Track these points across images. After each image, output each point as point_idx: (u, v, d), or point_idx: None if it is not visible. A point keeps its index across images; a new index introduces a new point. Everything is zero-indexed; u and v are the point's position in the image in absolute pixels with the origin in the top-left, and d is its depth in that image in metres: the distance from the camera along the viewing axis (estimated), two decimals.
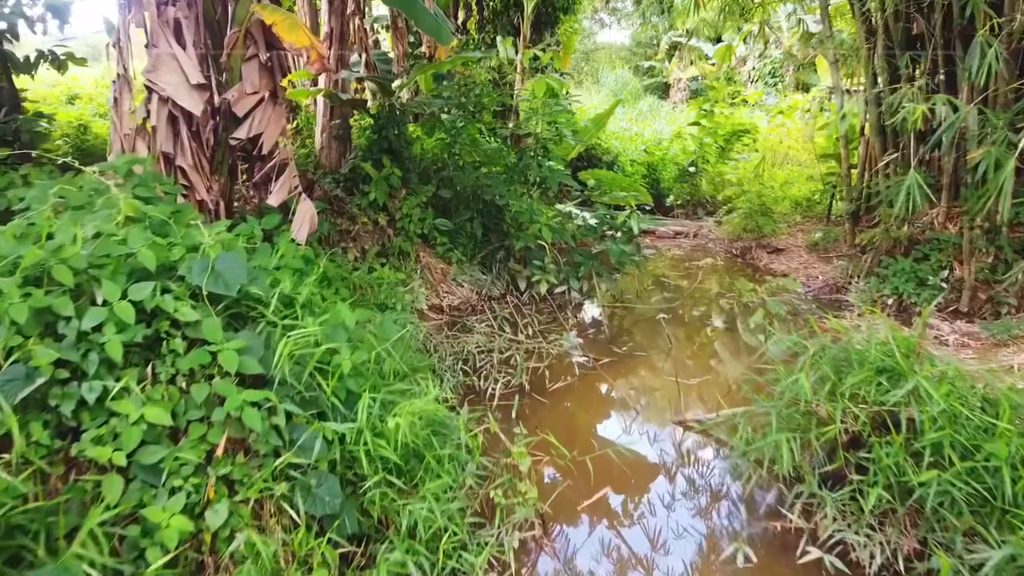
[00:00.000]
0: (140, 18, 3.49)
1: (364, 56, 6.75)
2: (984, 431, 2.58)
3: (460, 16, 9.51)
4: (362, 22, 6.86)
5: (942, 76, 5.57)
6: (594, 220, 6.66)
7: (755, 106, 13.42)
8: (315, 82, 6.90)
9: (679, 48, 19.71)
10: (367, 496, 2.43)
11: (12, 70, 5.20)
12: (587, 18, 21.54)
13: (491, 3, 9.49)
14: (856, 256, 6.81)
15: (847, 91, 7.43)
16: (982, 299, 5.31)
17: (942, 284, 5.45)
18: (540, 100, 7.18)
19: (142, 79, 3.46)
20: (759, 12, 9.30)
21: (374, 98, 6.88)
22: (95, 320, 2.07)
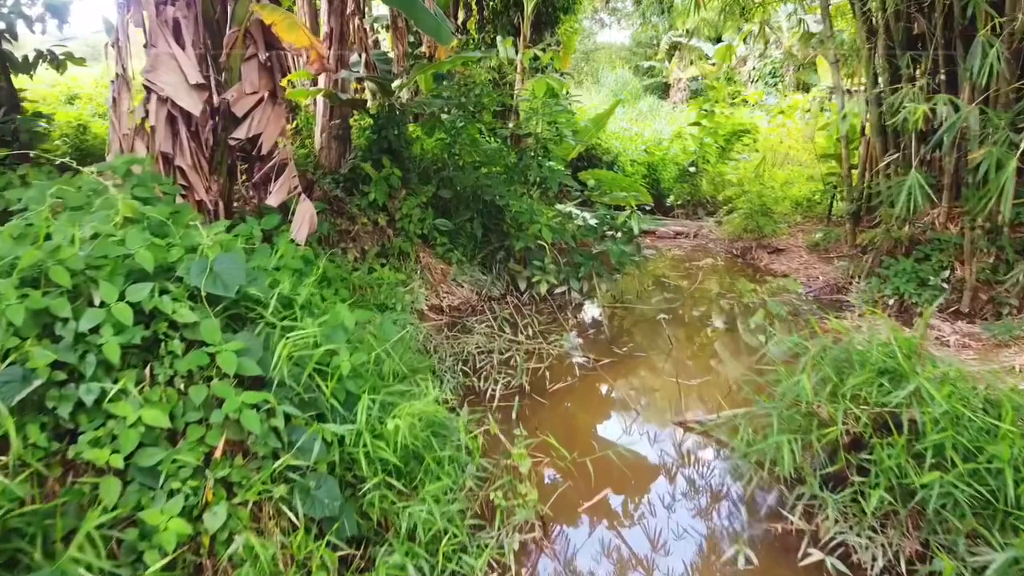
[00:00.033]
0: (139, 18, 3.48)
1: (364, 56, 6.74)
2: (986, 433, 2.57)
3: (460, 16, 9.49)
4: (362, 22, 6.85)
5: (943, 76, 5.56)
6: (594, 220, 6.65)
7: (755, 106, 13.41)
8: (315, 82, 6.90)
9: (679, 48, 19.69)
10: (366, 498, 2.42)
11: (11, 70, 5.19)
12: (587, 18, 21.51)
13: (491, 3, 9.47)
14: (857, 256, 6.80)
15: (848, 91, 7.42)
16: (983, 300, 5.30)
17: (943, 285, 5.44)
18: (540, 100, 7.17)
19: (141, 79, 3.45)
20: (759, 12, 9.30)
21: (374, 98, 6.87)
22: (93, 321, 2.06)
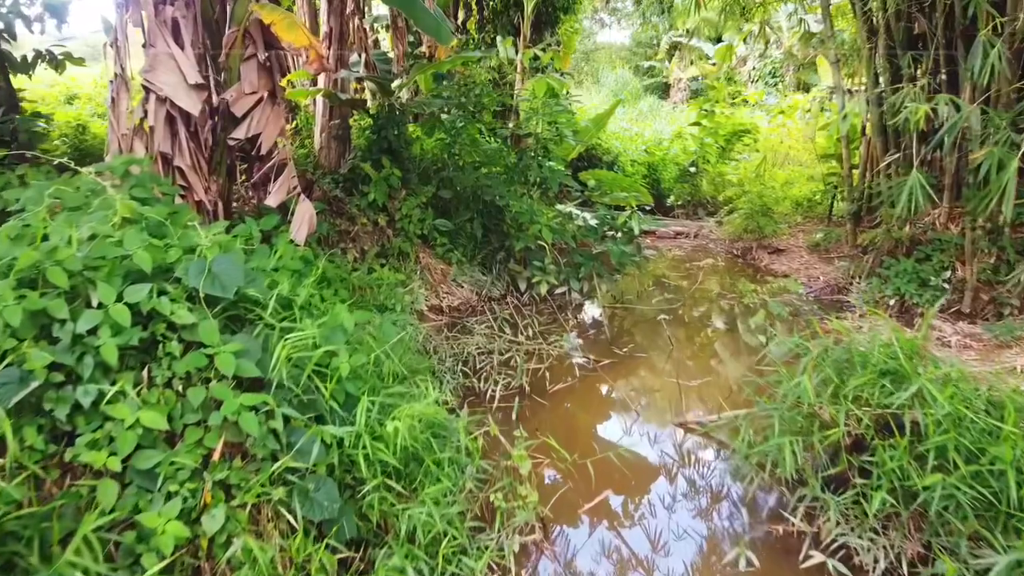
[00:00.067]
0: (138, 17, 3.46)
1: (363, 56, 6.73)
2: (989, 434, 2.56)
3: (460, 16, 9.48)
4: (361, 22, 6.85)
5: (944, 76, 5.55)
6: (594, 221, 6.63)
7: (756, 106, 13.40)
8: (314, 82, 6.88)
9: (679, 48, 19.68)
10: (366, 500, 2.41)
11: (10, 70, 5.17)
12: (587, 18, 21.49)
13: (491, 3, 9.46)
14: (857, 257, 6.79)
15: (848, 91, 7.41)
16: (984, 300, 5.29)
17: (944, 285, 5.43)
18: (540, 100, 7.15)
19: (140, 79, 3.44)
20: (760, 12, 9.28)
21: (373, 98, 6.86)
22: (90, 323, 2.05)
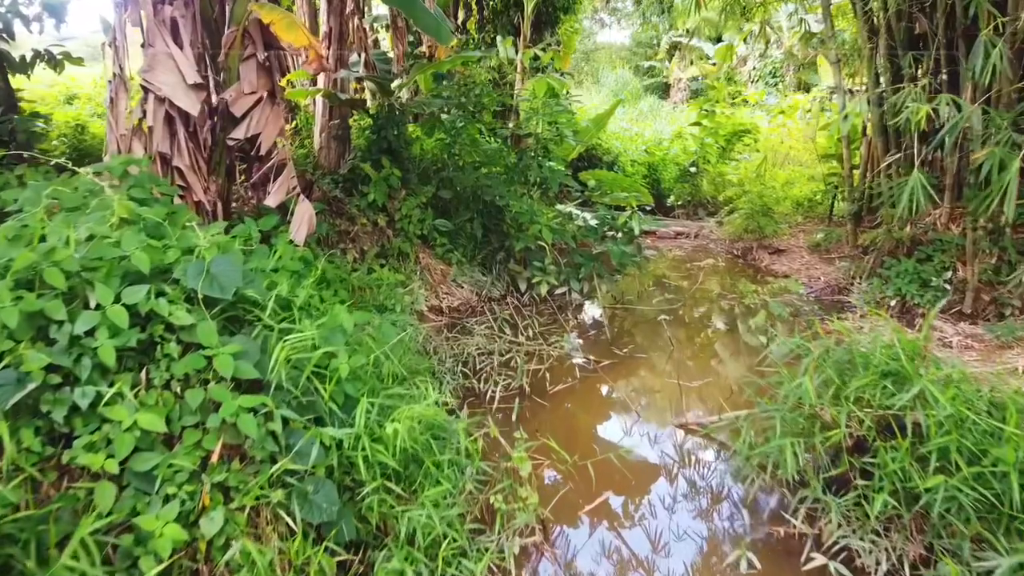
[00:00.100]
0: (136, 17, 3.45)
1: (363, 56, 6.72)
2: (991, 435, 2.54)
3: (460, 16, 9.47)
4: (361, 21, 6.83)
5: (945, 76, 5.53)
6: (595, 221, 6.62)
7: (756, 106, 13.39)
8: (314, 82, 6.86)
9: (679, 48, 19.67)
10: (365, 502, 2.40)
11: (8, 70, 5.17)
12: (587, 18, 21.50)
13: (491, 3, 9.45)
14: (858, 257, 6.78)
15: (849, 91, 7.40)
16: (986, 301, 5.27)
17: (945, 286, 5.41)
18: (540, 100, 7.14)
19: (139, 79, 3.43)
20: (760, 12, 9.25)
21: (373, 98, 6.85)
22: (88, 324, 2.04)
